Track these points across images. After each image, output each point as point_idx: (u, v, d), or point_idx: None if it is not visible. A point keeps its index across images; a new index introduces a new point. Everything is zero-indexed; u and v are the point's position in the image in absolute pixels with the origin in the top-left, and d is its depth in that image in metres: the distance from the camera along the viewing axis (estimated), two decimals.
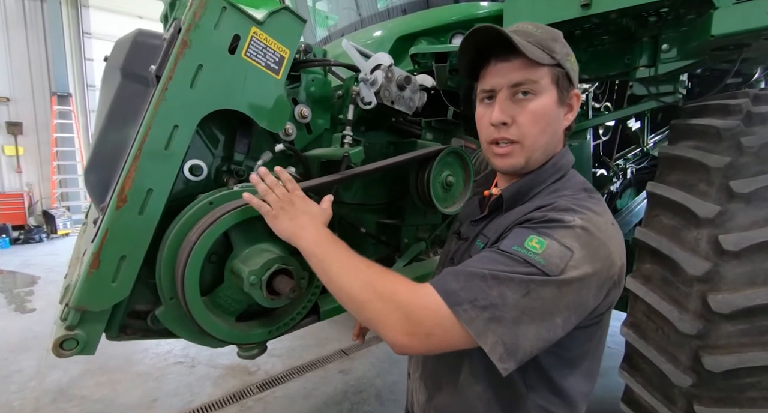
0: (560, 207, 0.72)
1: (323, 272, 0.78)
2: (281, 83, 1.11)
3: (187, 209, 1.00)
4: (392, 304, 0.68)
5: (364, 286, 0.71)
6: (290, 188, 0.91)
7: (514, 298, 0.64)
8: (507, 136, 0.79)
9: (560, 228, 0.68)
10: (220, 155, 1.20)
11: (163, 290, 0.97)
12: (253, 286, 0.91)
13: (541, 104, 0.77)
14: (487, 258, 0.70)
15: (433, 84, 1.39)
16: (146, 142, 0.90)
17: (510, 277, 0.65)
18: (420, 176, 1.46)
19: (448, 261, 0.98)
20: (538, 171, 0.83)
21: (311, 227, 0.86)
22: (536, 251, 0.66)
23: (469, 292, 0.65)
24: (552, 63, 0.76)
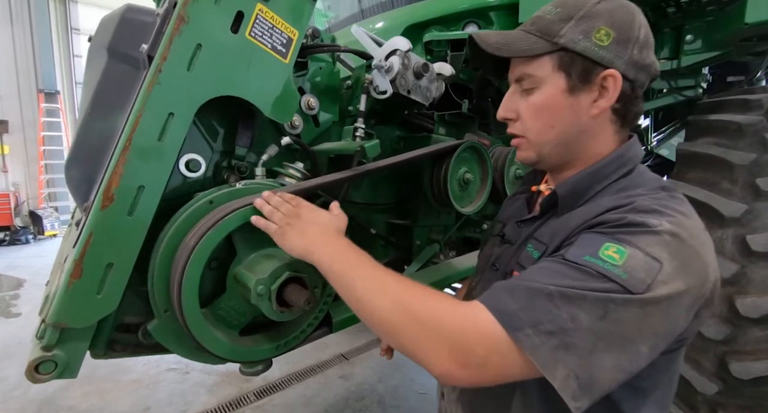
0: (641, 208, 0.61)
1: (345, 291, 0.68)
2: (289, 68, 1.00)
3: (183, 209, 0.88)
4: (433, 328, 0.57)
5: (395, 306, 0.60)
6: (295, 203, 0.83)
7: (589, 321, 0.52)
8: (513, 131, 0.77)
9: (644, 234, 0.57)
10: (219, 148, 1.08)
11: (156, 302, 0.85)
12: (260, 297, 0.79)
13: (541, 97, 0.70)
14: (550, 270, 0.58)
15: (452, 73, 1.29)
16: (136, 132, 0.78)
17: (583, 295, 0.53)
18: (436, 173, 1.35)
19: (490, 268, 0.87)
20: (599, 165, 0.72)
21: (324, 239, 0.76)
22: (615, 262, 0.55)
23: (531, 314, 0.54)
24: (550, 50, 0.67)
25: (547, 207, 0.77)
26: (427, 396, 3.09)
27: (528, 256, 0.74)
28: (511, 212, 0.93)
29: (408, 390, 3.16)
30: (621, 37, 0.69)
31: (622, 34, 0.69)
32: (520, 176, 1.68)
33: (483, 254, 0.96)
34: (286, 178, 1.07)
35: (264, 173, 1.06)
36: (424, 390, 3.16)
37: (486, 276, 0.88)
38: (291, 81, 1.00)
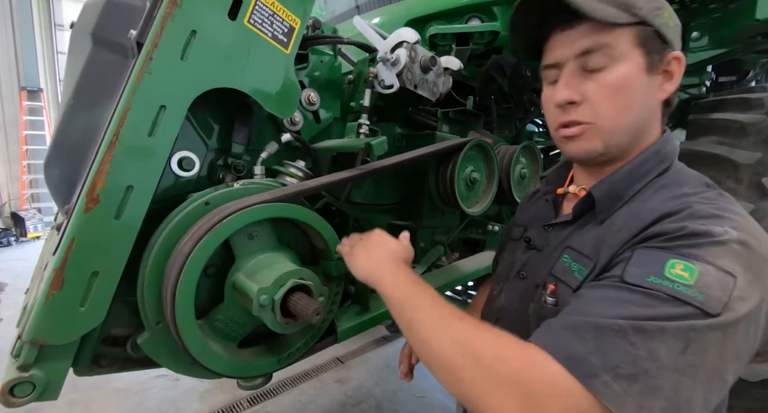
0: (701, 214, 0.54)
1: (404, 322, 0.63)
2: (290, 60, 0.93)
3: (177, 211, 0.81)
4: (499, 375, 0.50)
5: (456, 345, 0.54)
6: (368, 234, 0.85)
7: (670, 356, 0.45)
8: (575, 118, 0.65)
9: (710, 245, 0.50)
10: (214, 146, 1.01)
11: (146, 314, 0.77)
12: (263, 308, 0.72)
13: (620, 74, 0.61)
14: (612, 300, 0.51)
15: (460, 67, 1.23)
16: (124, 126, 0.70)
17: (661, 327, 0.46)
18: (442, 172, 1.29)
19: (516, 276, 0.81)
20: (638, 161, 0.66)
21: (390, 265, 0.73)
22: (686, 281, 0.48)
23: (605, 357, 0.47)
24: (632, 21, 0.60)
25: (581, 211, 0.71)
26: (426, 399, 3.04)
27: (565, 268, 0.68)
28: (534, 215, 0.86)
29: (406, 393, 3.10)
30: (676, 23, 0.66)
31: (677, 21, 0.66)
32: (525, 176, 1.63)
33: (504, 260, 0.90)
34: (286, 177, 1.00)
35: (263, 172, 0.99)
36: (422, 393, 3.11)
37: (512, 285, 0.82)
38: (292, 73, 0.94)
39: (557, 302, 0.67)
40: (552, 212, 0.81)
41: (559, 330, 0.52)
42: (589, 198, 0.69)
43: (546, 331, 0.54)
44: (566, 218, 0.74)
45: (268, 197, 0.82)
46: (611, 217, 0.66)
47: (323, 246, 0.94)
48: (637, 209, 0.62)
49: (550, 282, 0.70)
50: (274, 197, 0.82)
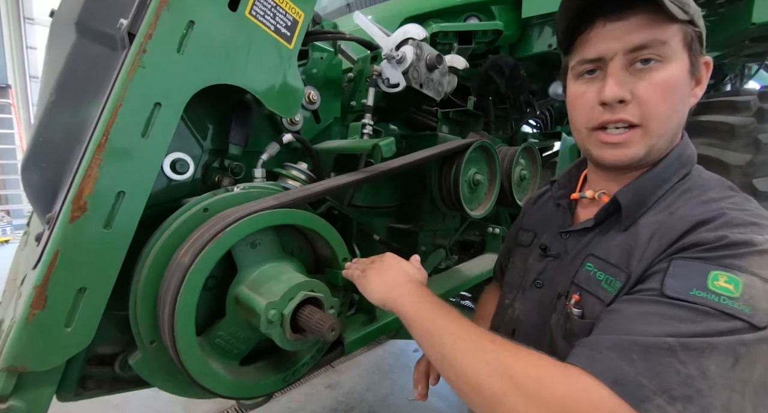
0: (737, 221, 0.52)
1: (431, 345, 0.59)
2: (294, 55, 0.87)
3: (172, 218, 0.74)
4: (542, 401, 0.46)
5: (494, 371, 0.51)
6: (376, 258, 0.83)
7: (721, 373, 0.44)
8: (625, 117, 0.60)
9: (753, 255, 0.49)
10: (209, 147, 0.94)
11: (140, 332, 0.70)
12: (272, 324, 0.66)
13: (672, 73, 0.58)
14: (656, 315, 0.49)
15: (466, 66, 1.19)
16: (115, 126, 0.63)
17: (711, 344, 0.44)
18: (445, 173, 1.26)
19: (532, 286, 0.77)
20: (663, 165, 0.64)
21: (408, 286, 0.70)
22: (731, 294, 0.46)
23: (656, 378, 0.44)
24: (686, 19, 0.57)
25: (604, 217, 0.68)
26: (418, 402, 3.01)
27: (590, 277, 0.65)
28: (545, 220, 0.83)
29: (398, 397, 3.06)
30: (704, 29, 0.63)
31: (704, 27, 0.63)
32: (524, 177, 1.61)
33: (515, 267, 0.86)
34: (288, 180, 0.94)
35: (264, 175, 0.92)
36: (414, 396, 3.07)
37: (527, 295, 0.78)
38: (296, 70, 0.88)
39: (583, 314, 0.64)
40: (568, 218, 0.78)
41: (603, 350, 0.49)
42: (614, 204, 0.66)
43: (588, 352, 0.50)
44: (587, 224, 0.71)
45: (274, 202, 0.76)
46: (636, 223, 0.63)
47: (329, 254, 0.88)
48: (665, 216, 0.60)
49: (574, 292, 0.66)
50: (279, 202, 0.76)
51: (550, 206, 0.87)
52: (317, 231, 0.82)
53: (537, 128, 2.45)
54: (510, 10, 1.66)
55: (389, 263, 0.78)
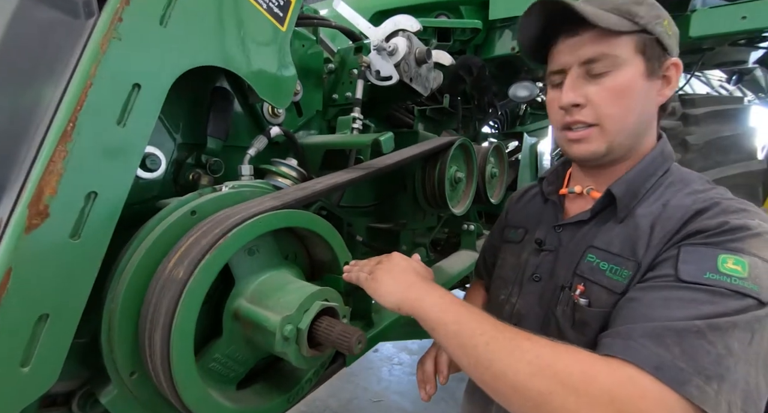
0: (732, 209, 0.57)
1: (460, 348, 0.55)
2: (287, 39, 0.78)
3: (152, 223, 0.62)
4: (591, 395, 0.46)
5: (537, 370, 0.49)
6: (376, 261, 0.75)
7: (742, 349, 0.47)
8: (580, 118, 0.67)
9: (750, 238, 0.53)
10: (181, 140, 0.81)
11: (117, 362, 0.57)
12: (287, 341, 0.58)
13: (622, 79, 0.64)
14: (677, 300, 0.51)
15: (452, 62, 1.18)
16: (84, 110, 0.51)
17: (733, 322, 0.48)
18: (429, 172, 1.23)
19: (530, 280, 0.78)
20: (648, 160, 0.69)
21: (425, 286, 0.65)
22: (740, 275, 0.50)
23: (691, 360, 0.46)
24: (634, 29, 0.63)
25: (600, 209, 0.72)
26: (382, 403, 2.98)
27: (594, 268, 0.67)
28: (535, 216, 0.85)
29: (362, 400, 3.01)
30: (675, 31, 0.69)
31: (675, 29, 0.70)
32: (494, 175, 1.65)
33: (508, 264, 0.86)
34: (278, 178, 0.85)
35: (252, 172, 0.82)
36: (377, 397, 3.05)
37: (526, 289, 0.79)
38: (289, 55, 0.79)
39: (590, 303, 0.66)
40: (559, 212, 0.81)
41: (638, 339, 0.50)
42: (608, 197, 0.70)
43: (622, 342, 0.52)
44: (582, 217, 0.74)
45: (276, 202, 0.67)
46: (632, 214, 0.67)
47: (328, 258, 0.81)
48: (661, 208, 0.64)
49: (578, 283, 0.69)
50: (282, 202, 0.68)
51: (538, 202, 0.89)
52: (320, 234, 0.75)
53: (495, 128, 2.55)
54: (477, 11, 1.69)
55: (398, 263, 0.72)
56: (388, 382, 3.24)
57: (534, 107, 2.90)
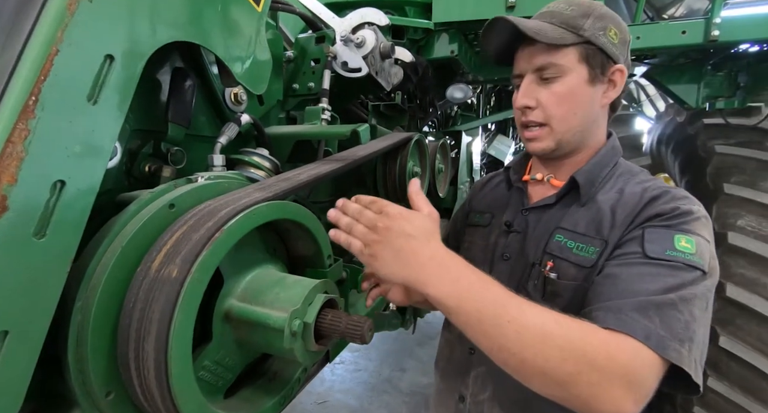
0: (679, 196, 0.69)
1: (483, 335, 0.55)
2: (263, 20, 0.73)
3: (123, 219, 0.54)
4: (612, 372, 0.52)
5: (569, 356, 0.52)
6: (377, 208, 0.61)
7: (700, 315, 0.58)
8: (532, 118, 0.77)
9: (694, 221, 0.65)
10: (137, 126, 0.71)
11: (89, 382, 0.49)
12: (295, 337, 0.55)
13: (566, 85, 0.74)
14: (648, 275, 0.61)
15: (412, 60, 1.21)
16: (48, 82, 0.42)
17: (694, 294, 0.58)
18: (390, 166, 1.25)
19: (500, 259, 0.85)
20: (602, 153, 0.80)
21: (435, 264, 0.57)
22: (690, 251, 0.61)
23: (668, 328, 0.56)
24: (578, 41, 0.73)
25: (564, 194, 0.81)
26: (328, 403, 2.94)
27: (562, 246, 0.75)
28: (500, 201, 0.93)
29: (306, 403, 2.93)
30: (623, 39, 0.79)
31: (624, 36, 0.80)
32: (441, 170, 1.74)
33: (477, 246, 0.92)
34: (251, 169, 0.79)
35: (224, 163, 0.76)
36: (322, 399, 2.99)
37: (497, 267, 0.85)
38: (265, 37, 0.74)
39: (559, 276, 0.74)
40: (525, 197, 0.89)
41: (629, 313, 0.58)
42: (572, 183, 0.79)
43: (616, 316, 0.58)
44: (548, 201, 0.83)
45: (265, 194, 0.63)
46: (592, 200, 0.77)
47: (311, 252, 0.78)
48: (618, 194, 0.75)
49: (548, 260, 0.76)
50: (273, 194, 0.64)
51: (502, 189, 0.97)
52: (307, 226, 0.72)
53: (432, 127, 2.67)
54: (421, 12, 1.76)
55: (399, 230, 0.58)
56: (331, 382, 3.19)
57: (463, 109, 3.10)
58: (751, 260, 1.82)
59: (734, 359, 1.85)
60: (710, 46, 1.63)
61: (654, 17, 4.10)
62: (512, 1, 1.65)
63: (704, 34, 1.60)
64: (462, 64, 1.94)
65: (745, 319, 1.83)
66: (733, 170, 1.98)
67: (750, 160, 1.95)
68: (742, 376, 1.86)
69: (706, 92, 1.91)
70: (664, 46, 1.69)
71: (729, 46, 1.72)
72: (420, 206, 0.64)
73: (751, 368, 1.80)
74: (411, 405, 2.92)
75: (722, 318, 1.89)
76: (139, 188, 0.70)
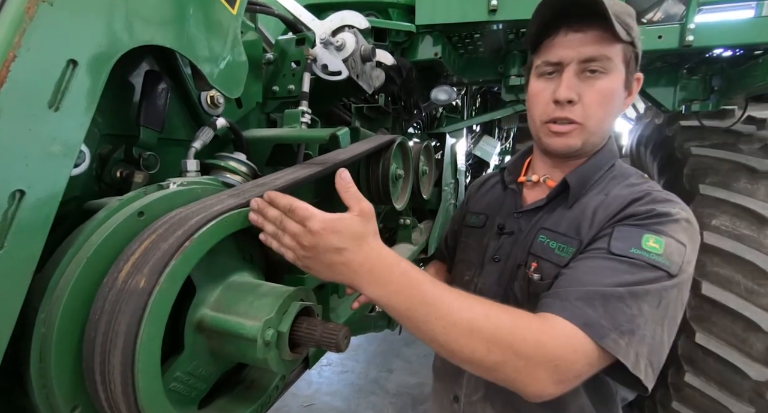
0: (659, 198, 0.69)
1: (415, 329, 0.57)
2: (238, 23, 0.72)
3: (89, 228, 0.52)
4: (538, 358, 0.54)
5: (495, 347, 0.54)
6: (298, 219, 0.57)
7: (651, 311, 0.59)
8: (570, 115, 0.72)
9: (670, 223, 0.65)
10: (108, 131, 0.70)
11: (53, 397, 0.47)
12: (269, 347, 0.54)
13: (610, 84, 0.71)
14: (605, 269, 0.62)
15: (393, 63, 1.21)
16: (6, 87, 0.41)
17: (646, 290, 0.59)
18: (373, 169, 1.25)
19: (491, 261, 0.85)
20: (599, 156, 0.79)
21: (363, 271, 0.56)
22: (657, 252, 0.61)
23: (611, 319, 0.57)
24: (628, 40, 0.70)
25: (555, 196, 0.80)
26: (314, 406, 2.92)
27: (544, 247, 0.76)
28: (496, 203, 0.93)
29: (292, 406, 2.91)
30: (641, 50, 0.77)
31: None
32: (425, 172, 1.74)
33: (471, 247, 0.93)
34: (227, 174, 0.78)
35: (198, 168, 0.74)
36: (308, 402, 2.97)
37: (488, 269, 0.85)
38: (240, 40, 0.73)
39: (542, 277, 0.75)
40: (518, 199, 0.88)
41: (575, 301, 0.59)
42: (563, 185, 0.79)
43: (561, 303, 0.60)
44: (539, 203, 0.83)
45: (239, 200, 0.62)
46: (579, 201, 0.77)
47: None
48: (603, 197, 0.74)
49: (532, 261, 0.77)
50: (246, 200, 0.63)
51: (498, 190, 0.97)
52: None
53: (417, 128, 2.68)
54: (405, 15, 1.76)
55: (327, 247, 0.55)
56: (318, 385, 3.18)
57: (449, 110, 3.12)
58: (725, 259, 1.88)
59: (710, 355, 1.91)
60: (685, 51, 1.68)
61: None
62: (494, 4, 1.66)
63: (679, 39, 1.65)
64: (446, 67, 1.95)
65: (719, 316, 1.88)
66: (708, 171, 2.04)
67: (724, 161, 2.01)
68: (718, 371, 1.92)
69: (682, 95, 1.95)
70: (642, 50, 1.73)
71: (703, 51, 1.77)
72: (350, 203, 0.61)
73: (726, 363, 1.86)
74: (398, 405, 2.93)
75: (698, 315, 1.95)
76: (110, 194, 0.68)
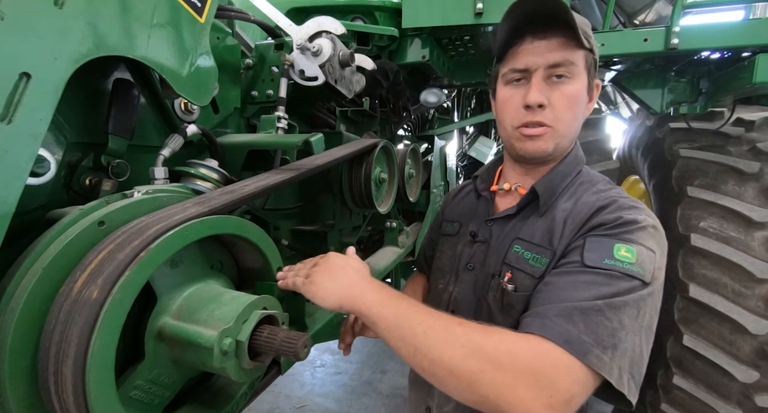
0: (626, 206, 0.69)
1: (400, 339, 0.59)
2: (206, 31, 0.72)
3: (48, 238, 0.53)
4: (515, 370, 0.53)
5: (469, 352, 0.55)
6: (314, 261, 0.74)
7: (630, 323, 0.58)
8: (541, 119, 0.73)
9: (638, 230, 0.65)
10: (73, 139, 0.70)
11: (9, 406, 0.48)
12: (226, 356, 0.54)
13: (576, 88, 0.72)
14: (582, 283, 0.61)
15: (373, 67, 1.21)
16: None
17: (624, 301, 0.58)
18: (355, 173, 1.25)
19: (465, 269, 0.85)
20: (566, 162, 0.79)
21: (363, 283, 0.67)
22: (630, 260, 0.61)
23: (592, 334, 0.56)
24: (588, 47, 0.71)
25: (524, 205, 0.80)
26: (306, 408, 2.93)
27: (519, 257, 0.75)
28: (468, 211, 0.93)
29: (284, 408, 2.91)
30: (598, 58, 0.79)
31: None
32: (411, 175, 1.75)
33: (445, 255, 0.93)
34: (197, 181, 0.78)
35: (166, 176, 0.75)
36: (301, 403, 2.98)
37: (461, 277, 0.85)
38: (208, 48, 0.73)
39: (516, 288, 0.75)
40: (490, 207, 0.89)
41: (554, 317, 0.59)
42: (532, 193, 0.79)
43: (541, 321, 0.60)
44: (510, 211, 0.83)
45: (201, 209, 0.62)
46: (550, 209, 0.77)
47: (259, 264, 0.78)
48: (573, 204, 0.74)
49: (506, 271, 0.77)
50: (209, 208, 0.63)
51: (471, 198, 0.97)
52: (250, 239, 0.71)
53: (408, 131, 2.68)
54: (391, 18, 1.76)
55: (336, 263, 0.71)
56: (311, 386, 3.18)
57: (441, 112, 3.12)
58: (713, 261, 1.88)
59: (698, 357, 1.91)
60: (670, 54, 1.68)
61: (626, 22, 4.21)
62: (480, 8, 1.67)
63: (665, 42, 1.65)
64: (435, 69, 1.96)
65: (707, 318, 1.89)
66: (697, 173, 2.04)
67: (712, 163, 2.01)
68: (706, 373, 1.92)
69: (670, 98, 1.96)
70: (628, 53, 1.73)
71: (690, 54, 1.77)
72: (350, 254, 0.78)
73: (714, 365, 1.86)
74: (391, 407, 2.93)
75: (686, 318, 1.95)
76: (79, 202, 0.68)
